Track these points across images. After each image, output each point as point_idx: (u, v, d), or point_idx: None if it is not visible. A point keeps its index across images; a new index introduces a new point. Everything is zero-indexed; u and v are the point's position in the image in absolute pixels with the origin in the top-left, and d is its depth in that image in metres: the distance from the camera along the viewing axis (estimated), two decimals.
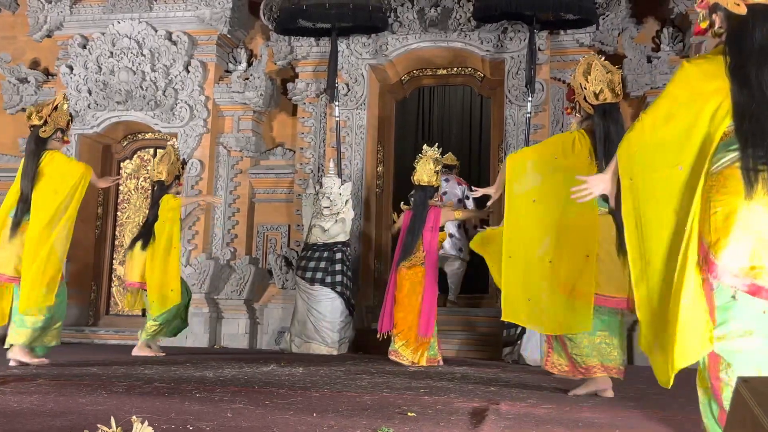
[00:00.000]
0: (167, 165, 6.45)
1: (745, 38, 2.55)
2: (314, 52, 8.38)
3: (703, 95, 2.55)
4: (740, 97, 2.48)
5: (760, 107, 2.46)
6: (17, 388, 3.47)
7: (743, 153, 2.42)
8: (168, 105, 8.45)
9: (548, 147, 4.36)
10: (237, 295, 8.17)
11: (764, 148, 2.40)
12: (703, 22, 2.72)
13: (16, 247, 4.86)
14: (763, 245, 2.34)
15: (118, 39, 8.58)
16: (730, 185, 2.42)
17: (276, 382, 4.13)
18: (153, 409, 2.86)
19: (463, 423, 2.74)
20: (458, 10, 7.92)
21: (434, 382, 4.44)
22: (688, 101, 2.56)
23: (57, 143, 5.14)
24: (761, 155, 2.39)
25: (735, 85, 2.50)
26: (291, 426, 2.53)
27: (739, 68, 2.51)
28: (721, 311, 2.33)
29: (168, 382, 3.97)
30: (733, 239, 2.35)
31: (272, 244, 8.59)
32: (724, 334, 2.31)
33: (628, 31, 7.79)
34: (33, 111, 5.09)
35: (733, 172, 2.43)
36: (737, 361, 2.29)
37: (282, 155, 8.65)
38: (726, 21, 2.63)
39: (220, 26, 8.47)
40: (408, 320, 5.88)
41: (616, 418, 3.02)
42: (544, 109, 7.72)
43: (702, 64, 2.63)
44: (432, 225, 5.99)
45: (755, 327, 2.28)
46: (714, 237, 2.39)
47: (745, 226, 2.36)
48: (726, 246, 2.35)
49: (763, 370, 2.26)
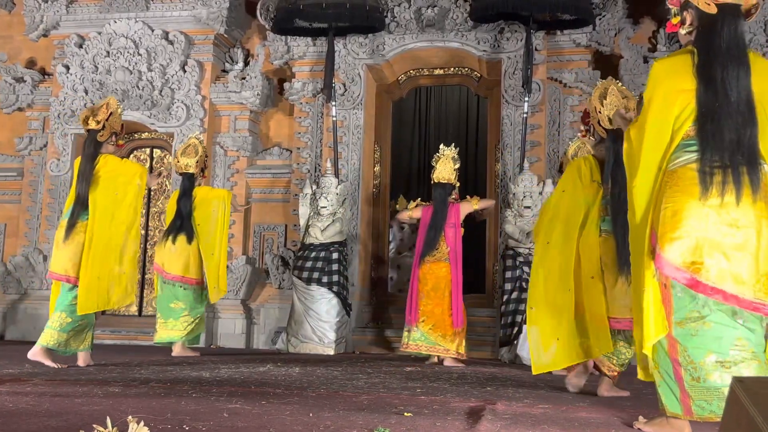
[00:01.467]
0: (195, 157, 6.49)
1: (713, 37, 2.62)
2: (311, 52, 8.38)
3: (672, 94, 2.65)
4: (705, 97, 2.58)
5: (722, 108, 2.55)
6: (13, 389, 3.46)
7: (702, 155, 2.55)
8: (164, 105, 8.44)
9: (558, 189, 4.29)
10: (233, 295, 8.17)
11: (721, 152, 2.52)
12: (675, 18, 2.80)
13: (70, 248, 4.90)
14: (705, 243, 2.48)
15: (114, 38, 8.56)
16: (682, 184, 2.55)
17: (272, 382, 4.12)
18: (149, 409, 2.86)
19: (459, 423, 2.74)
20: (455, 10, 7.93)
21: (431, 382, 4.44)
22: (661, 103, 2.66)
23: (111, 147, 5.20)
24: (716, 159, 2.52)
25: (701, 85, 2.61)
26: (287, 426, 2.53)
27: (706, 67, 2.59)
28: (676, 299, 2.51)
29: (164, 382, 3.97)
30: (677, 235, 2.50)
31: (269, 243, 8.58)
32: (680, 320, 2.50)
33: (625, 32, 7.80)
34: (89, 115, 5.14)
35: (686, 173, 2.56)
36: (691, 345, 2.48)
37: (279, 155, 8.65)
38: (697, 19, 2.70)
39: (217, 26, 8.46)
40: (436, 313, 6.07)
41: (612, 417, 3.03)
42: (541, 109, 7.72)
43: (670, 62, 2.74)
44: (453, 221, 6.19)
45: (705, 313, 2.47)
46: (661, 231, 2.54)
47: (690, 224, 2.50)
48: (671, 241, 2.51)
49: (714, 352, 2.44)
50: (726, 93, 2.55)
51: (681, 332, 2.50)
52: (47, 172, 8.60)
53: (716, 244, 2.48)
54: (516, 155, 7.57)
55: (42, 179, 8.80)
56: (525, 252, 6.78)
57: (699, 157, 2.55)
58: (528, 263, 6.69)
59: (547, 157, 7.76)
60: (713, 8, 2.64)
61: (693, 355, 2.47)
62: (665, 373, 2.55)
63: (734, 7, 2.65)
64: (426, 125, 9.97)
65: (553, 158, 7.78)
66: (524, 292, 6.67)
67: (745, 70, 2.58)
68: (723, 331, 2.45)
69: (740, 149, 2.52)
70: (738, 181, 2.49)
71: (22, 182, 8.95)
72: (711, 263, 2.47)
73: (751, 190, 2.49)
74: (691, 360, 2.47)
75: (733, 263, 2.46)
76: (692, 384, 2.47)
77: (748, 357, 2.43)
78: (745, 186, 2.49)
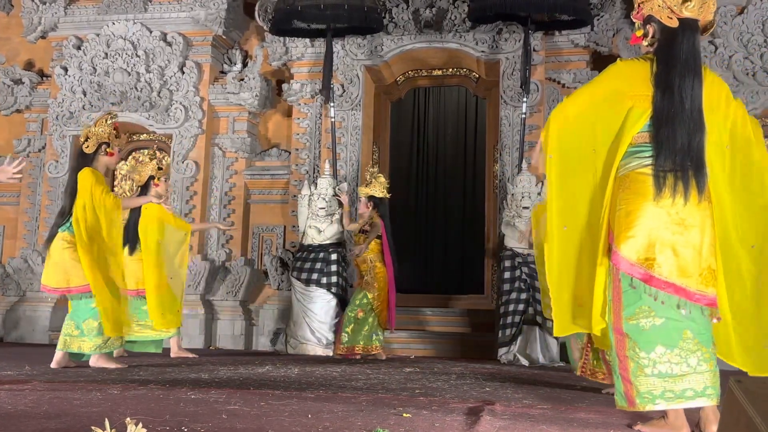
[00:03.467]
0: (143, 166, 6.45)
1: (673, 49, 2.83)
2: (309, 53, 8.37)
3: (624, 95, 2.85)
4: (662, 103, 2.79)
5: (677, 114, 2.76)
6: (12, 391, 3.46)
7: (656, 159, 2.76)
8: (163, 106, 8.44)
9: None
10: (232, 296, 8.16)
11: (673, 156, 2.73)
12: (638, 31, 3.00)
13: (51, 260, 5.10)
14: (657, 241, 2.70)
15: (112, 40, 8.56)
16: (635, 187, 2.77)
17: (271, 384, 4.12)
18: (148, 410, 2.85)
19: (458, 423, 2.74)
20: (453, 11, 7.93)
21: (429, 382, 4.44)
22: (610, 97, 2.86)
23: (105, 157, 5.23)
24: (669, 164, 2.72)
25: (658, 91, 2.82)
26: (286, 427, 2.53)
27: (664, 75, 2.81)
28: (626, 296, 2.69)
29: (163, 383, 3.97)
30: (632, 234, 2.71)
31: (267, 245, 8.58)
32: (630, 315, 2.69)
33: (623, 32, 7.80)
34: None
35: (638, 176, 2.78)
36: (642, 339, 2.65)
37: (277, 156, 8.65)
38: (659, 32, 2.91)
39: (215, 27, 8.46)
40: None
41: (610, 417, 3.03)
42: (539, 109, 7.73)
43: (630, 65, 2.94)
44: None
45: (655, 308, 2.65)
46: (617, 230, 2.76)
47: (644, 224, 2.71)
48: (626, 240, 2.72)
49: (663, 344, 2.63)
50: (681, 100, 2.76)
51: (631, 327, 2.67)
52: (46, 174, 8.59)
53: (667, 242, 2.69)
54: (514, 156, 7.57)
55: (40, 181, 8.79)
56: (524, 252, 6.78)
57: (653, 162, 2.76)
58: (527, 264, 6.69)
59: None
60: (675, 22, 2.84)
61: (643, 348, 2.65)
62: (615, 370, 2.73)
63: (693, 22, 2.86)
64: (424, 126, 9.97)
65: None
66: (523, 293, 6.69)
67: (699, 81, 2.80)
68: (671, 325, 2.64)
69: (690, 154, 2.73)
70: (686, 183, 2.71)
71: (21, 184, 8.93)
72: (662, 259, 2.68)
73: (698, 192, 2.72)
74: (639, 353, 2.65)
75: (680, 258, 2.68)
76: (638, 375, 2.65)
77: (693, 347, 2.63)
78: (692, 188, 2.71)
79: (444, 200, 9.68)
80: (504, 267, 6.82)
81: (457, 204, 9.60)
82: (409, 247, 9.10)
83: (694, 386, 2.61)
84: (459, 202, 9.59)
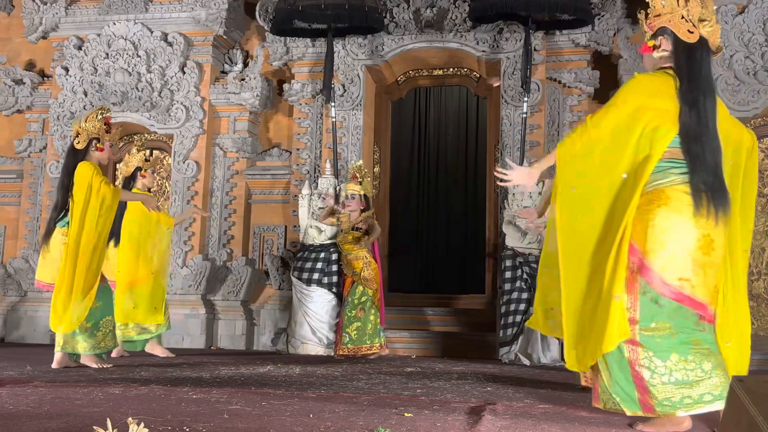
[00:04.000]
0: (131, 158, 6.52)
1: (693, 65, 2.83)
2: (310, 53, 8.38)
3: (648, 110, 2.80)
4: (688, 119, 2.78)
5: (704, 133, 2.77)
6: (13, 390, 3.46)
7: (692, 176, 2.75)
8: (164, 106, 8.44)
9: None
10: (233, 296, 8.17)
11: (706, 174, 2.73)
12: (651, 41, 2.98)
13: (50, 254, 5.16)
14: (691, 261, 2.71)
15: (113, 40, 8.56)
16: (672, 204, 2.74)
17: (273, 383, 4.12)
18: (149, 410, 2.86)
19: (459, 423, 2.74)
20: (454, 11, 7.93)
21: (431, 382, 4.44)
22: (634, 113, 2.80)
23: (96, 153, 5.24)
24: (703, 181, 2.72)
25: (685, 107, 2.80)
26: (288, 427, 2.53)
27: (689, 92, 2.79)
28: (645, 308, 2.70)
29: (164, 383, 3.97)
30: (666, 251, 2.71)
31: (269, 245, 8.58)
32: (646, 327, 2.71)
33: (624, 32, 7.79)
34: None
35: (674, 193, 2.75)
36: (657, 348, 2.68)
37: (278, 156, 8.65)
38: (673, 45, 2.90)
39: (216, 27, 8.46)
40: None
41: (611, 416, 3.03)
42: (540, 109, 7.72)
43: (653, 80, 2.90)
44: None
45: (672, 323, 2.69)
46: (650, 246, 2.73)
47: (680, 243, 2.71)
48: (660, 257, 2.71)
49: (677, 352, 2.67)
50: (706, 118, 2.77)
51: (646, 337, 2.70)
52: (47, 175, 8.59)
53: (699, 262, 2.73)
54: (515, 155, 7.57)
55: (42, 181, 8.80)
56: (525, 252, 6.78)
57: (690, 179, 2.76)
58: (528, 263, 6.69)
59: None
60: (694, 37, 2.84)
61: (658, 357, 2.68)
62: (620, 377, 2.73)
63: (707, 41, 2.88)
64: (425, 126, 9.97)
65: None
66: (524, 292, 6.68)
67: (715, 101, 2.83)
68: (685, 337, 2.69)
69: (717, 173, 2.75)
70: (717, 204, 2.73)
71: (22, 184, 8.94)
72: (696, 280, 2.72)
73: (723, 213, 2.76)
74: (654, 361, 2.68)
75: (707, 278, 2.74)
76: (655, 383, 2.68)
77: (706, 353, 2.69)
78: (720, 208, 2.75)
79: (445, 200, 9.69)
80: (505, 266, 6.82)
81: (458, 203, 9.61)
82: (409, 247, 9.11)
83: (712, 390, 2.64)
84: (460, 202, 9.60)
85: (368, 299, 6.62)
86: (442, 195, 9.69)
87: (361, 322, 6.58)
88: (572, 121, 7.83)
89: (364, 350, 6.58)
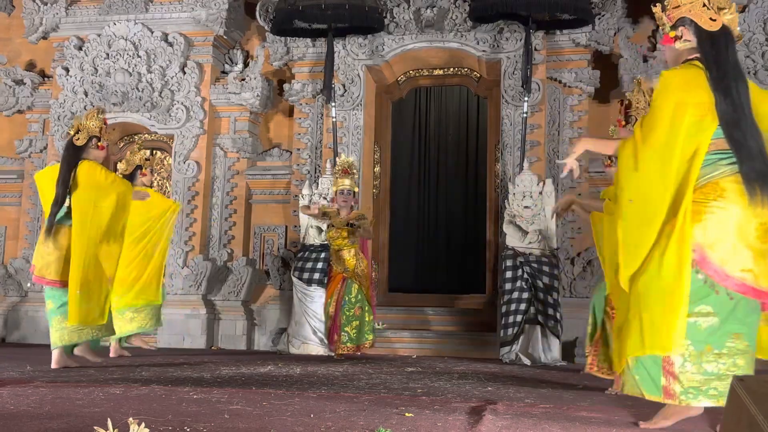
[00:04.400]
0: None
1: (719, 54, 2.81)
2: (310, 53, 8.38)
3: (686, 106, 2.77)
4: (724, 106, 2.75)
5: (741, 119, 2.75)
6: (14, 391, 3.46)
7: (741, 164, 2.72)
8: (164, 106, 8.44)
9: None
10: (234, 296, 8.17)
11: (752, 161, 2.70)
12: (672, 32, 2.97)
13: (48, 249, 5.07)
14: (754, 251, 2.70)
15: (114, 40, 8.56)
16: (726, 195, 2.72)
17: (273, 383, 4.13)
18: (150, 410, 2.86)
19: (460, 423, 2.74)
20: (454, 11, 7.93)
21: (431, 382, 4.44)
22: (672, 113, 2.77)
23: (95, 151, 5.24)
24: (754, 170, 2.69)
25: (719, 95, 2.77)
26: (288, 427, 2.53)
27: (720, 81, 2.77)
28: (694, 295, 2.67)
29: (165, 383, 3.97)
30: (725, 244, 2.69)
31: (269, 245, 8.58)
32: (690, 312, 2.68)
33: (624, 31, 7.80)
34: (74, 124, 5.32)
35: (729, 185, 2.73)
36: (695, 336, 2.66)
37: (279, 156, 8.65)
38: (696, 35, 2.88)
39: (216, 27, 8.46)
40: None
41: (612, 416, 3.03)
42: (541, 108, 7.72)
43: (682, 75, 2.87)
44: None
45: (715, 310, 2.68)
46: (710, 239, 2.70)
47: (739, 233, 2.70)
48: (718, 250, 2.69)
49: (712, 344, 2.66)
50: (741, 105, 2.74)
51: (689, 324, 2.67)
52: None
53: (759, 251, 2.71)
54: (516, 155, 7.57)
55: None
56: (525, 252, 6.77)
57: (739, 168, 2.73)
58: (528, 263, 6.69)
59: (547, 157, 7.76)
60: (717, 25, 2.82)
61: (694, 345, 2.66)
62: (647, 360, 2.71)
63: (729, 28, 2.86)
64: (426, 126, 9.96)
65: (552, 158, 7.78)
66: (524, 292, 6.68)
67: (747, 86, 2.80)
68: (726, 327, 2.67)
69: (763, 158, 2.71)
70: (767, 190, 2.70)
71: (23, 184, 8.95)
72: (759, 270, 2.70)
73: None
74: (689, 348, 2.66)
75: (763, 267, 2.71)
76: (685, 371, 2.66)
77: (742, 349, 2.67)
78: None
79: (445, 199, 9.67)
80: (506, 266, 6.81)
81: (459, 203, 9.59)
82: (410, 247, 9.10)
83: None
84: (460, 202, 9.58)
85: (363, 297, 6.61)
86: (442, 195, 9.67)
87: (359, 320, 6.58)
88: (573, 120, 7.83)
89: (365, 347, 6.58)
